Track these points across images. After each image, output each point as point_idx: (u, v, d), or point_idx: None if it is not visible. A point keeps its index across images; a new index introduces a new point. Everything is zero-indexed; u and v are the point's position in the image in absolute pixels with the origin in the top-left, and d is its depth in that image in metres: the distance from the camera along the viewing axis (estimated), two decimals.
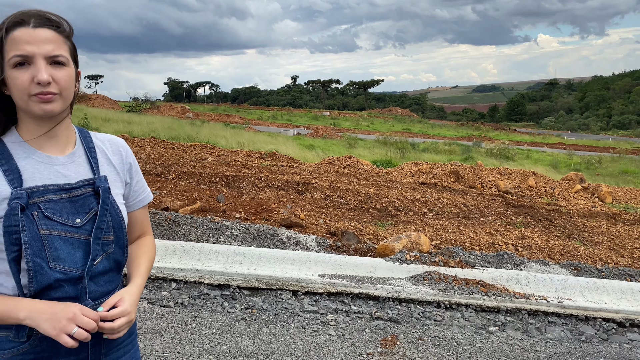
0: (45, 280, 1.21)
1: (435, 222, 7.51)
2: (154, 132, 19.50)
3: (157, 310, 3.88)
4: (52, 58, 1.22)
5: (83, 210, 1.30)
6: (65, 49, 1.26)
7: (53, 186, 1.27)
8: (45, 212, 1.23)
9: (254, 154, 13.15)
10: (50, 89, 1.21)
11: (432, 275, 4.69)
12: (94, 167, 1.37)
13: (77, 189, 1.30)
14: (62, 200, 1.27)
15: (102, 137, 1.47)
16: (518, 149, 27.49)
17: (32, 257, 1.20)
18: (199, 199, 7.46)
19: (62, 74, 1.24)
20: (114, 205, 1.36)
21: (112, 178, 1.41)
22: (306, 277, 4.62)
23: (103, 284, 1.34)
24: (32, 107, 1.22)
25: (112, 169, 1.42)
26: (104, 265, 1.33)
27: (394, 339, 3.66)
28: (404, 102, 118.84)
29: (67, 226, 1.26)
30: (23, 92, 1.21)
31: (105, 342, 1.36)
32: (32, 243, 1.20)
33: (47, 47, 1.21)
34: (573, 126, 75.36)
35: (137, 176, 1.51)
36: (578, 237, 7.41)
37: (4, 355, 1.24)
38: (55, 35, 1.24)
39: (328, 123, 50.25)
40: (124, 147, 1.49)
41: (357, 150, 21.74)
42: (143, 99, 40.46)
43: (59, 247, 1.24)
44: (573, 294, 4.63)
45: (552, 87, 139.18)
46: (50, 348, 1.27)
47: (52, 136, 1.31)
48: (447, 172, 11.54)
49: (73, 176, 1.32)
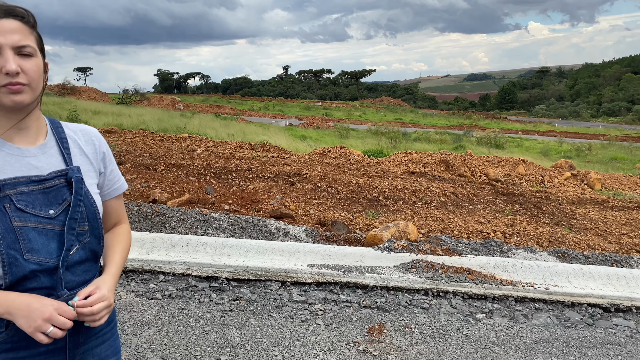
0: (20, 272, 1.22)
1: (424, 211, 7.53)
2: (144, 124, 19.39)
3: (145, 303, 3.88)
4: (19, 48, 1.22)
5: (56, 201, 1.30)
6: (32, 40, 1.26)
7: (25, 178, 1.26)
8: (17, 205, 1.23)
9: (244, 145, 13.11)
10: (19, 79, 1.21)
11: (420, 264, 4.71)
12: (66, 158, 1.36)
13: (49, 180, 1.30)
14: (34, 192, 1.27)
15: (74, 127, 1.46)
16: (509, 137, 27.60)
17: (5, 249, 1.20)
18: (188, 191, 7.43)
19: (31, 65, 1.23)
20: (88, 195, 1.35)
21: (86, 168, 1.40)
22: (295, 267, 4.63)
23: (80, 273, 1.34)
24: (2, 98, 1.22)
25: (85, 158, 1.42)
26: (79, 255, 1.33)
27: (381, 327, 3.68)
28: (396, 91, 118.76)
29: (40, 217, 1.26)
30: None
31: (83, 331, 1.37)
32: (5, 235, 1.20)
33: (14, 37, 1.21)
34: (564, 114, 75.73)
35: (111, 165, 1.50)
36: (567, 224, 7.47)
37: None
38: (21, 25, 1.24)
39: (320, 113, 50.18)
40: (97, 137, 1.48)
41: (349, 140, 21.74)
42: (133, 91, 40.17)
43: (32, 239, 1.24)
44: (560, 281, 4.67)
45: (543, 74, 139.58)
46: (28, 337, 1.27)
47: (22, 128, 1.30)
48: (437, 161, 11.57)
49: (45, 167, 1.31)
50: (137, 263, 4.45)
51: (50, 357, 1.32)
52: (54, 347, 1.31)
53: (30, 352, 1.28)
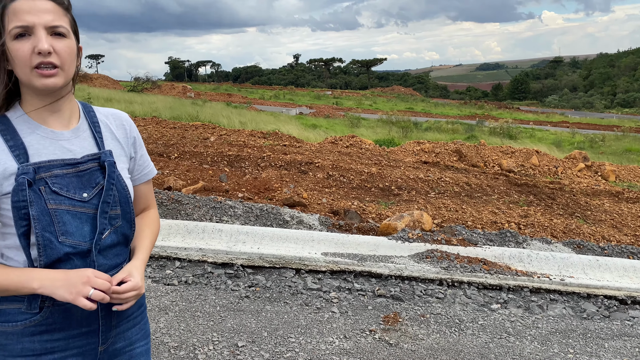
0: (54, 254, 1.23)
1: (437, 200, 7.51)
2: (156, 112, 19.45)
3: (162, 289, 3.92)
4: (52, 28, 1.20)
5: (89, 184, 1.30)
6: (66, 21, 1.25)
7: (59, 161, 1.27)
8: (52, 187, 1.24)
9: (256, 134, 13.11)
10: (51, 59, 1.20)
11: (435, 254, 4.71)
12: (99, 142, 1.36)
13: (83, 164, 1.30)
14: (68, 175, 1.27)
15: (105, 111, 1.46)
16: (522, 128, 27.35)
17: (41, 232, 1.21)
18: (202, 178, 7.46)
19: (63, 45, 1.22)
20: (120, 179, 1.36)
21: (117, 152, 1.41)
22: (309, 255, 4.64)
23: (111, 257, 1.35)
24: (34, 81, 1.21)
25: (116, 143, 1.42)
26: (111, 239, 1.34)
27: (397, 316, 3.69)
28: (407, 80, 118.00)
29: (74, 201, 1.27)
30: (25, 64, 1.20)
31: (115, 314, 1.38)
32: (40, 218, 1.21)
33: (47, 17, 1.20)
34: (577, 104, 74.84)
35: (141, 150, 1.50)
36: (581, 216, 7.41)
37: (17, 327, 1.26)
38: (55, 6, 1.22)
39: (330, 102, 50.04)
40: (128, 121, 1.48)
41: (359, 129, 21.68)
42: (144, 79, 40.27)
43: (67, 222, 1.25)
44: (575, 272, 4.64)
45: (557, 65, 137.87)
46: (62, 319, 1.28)
47: (55, 111, 1.30)
48: (450, 151, 11.51)
49: (78, 151, 1.32)
50: (153, 249, 4.48)
51: (84, 339, 1.33)
52: (87, 329, 1.32)
53: (65, 334, 1.29)
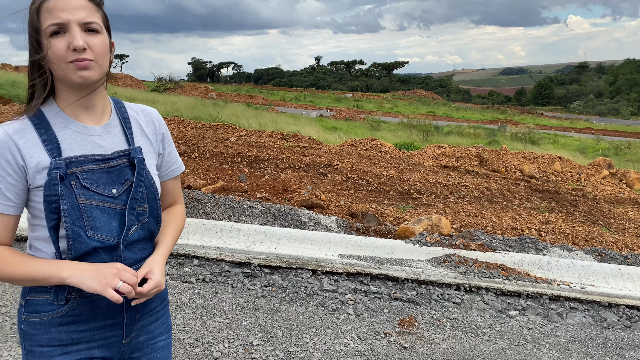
0: (82, 248, 1.26)
1: (457, 205, 7.44)
2: (178, 112, 19.67)
3: (179, 286, 3.96)
4: (86, 25, 1.23)
5: (119, 180, 1.32)
6: (98, 17, 1.27)
7: (90, 156, 1.29)
8: (83, 182, 1.26)
9: (276, 135, 13.17)
10: (86, 55, 1.22)
11: (452, 258, 4.67)
12: (129, 138, 1.38)
13: (113, 160, 1.33)
14: (98, 170, 1.30)
15: (135, 107, 1.48)
16: (544, 133, 26.95)
17: (71, 226, 1.23)
18: (221, 178, 7.52)
19: (97, 41, 1.24)
20: (149, 176, 1.38)
21: (146, 149, 1.43)
22: (326, 257, 4.65)
23: (136, 251, 1.38)
24: (70, 74, 1.23)
25: (146, 139, 1.44)
26: (138, 234, 1.36)
27: (412, 320, 3.67)
28: (429, 84, 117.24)
29: (103, 196, 1.29)
30: (60, 60, 1.22)
31: (139, 307, 1.40)
32: (70, 212, 1.23)
33: (81, 13, 1.22)
34: (602, 111, 73.41)
35: (169, 147, 1.52)
36: (604, 224, 7.28)
37: (44, 317, 1.29)
38: (88, 2, 1.25)
39: (351, 105, 49.97)
40: (157, 118, 1.50)
41: (380, 132, 21.60)
42: (167, 79, 40.74)
43: (96, 217, 1.27)
44: (596, 280, 4.56)
45: (582, 70, 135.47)
46: (88, 311, 1.31)
47: (88, 106, 1.32)
48: (471, 156, 11.40)
49: (109, 147, 1.34)
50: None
51: (109, 331, 1.36)
52: (112, 321, 1.35)
53: (90, 326, 1.32)
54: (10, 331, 3.12)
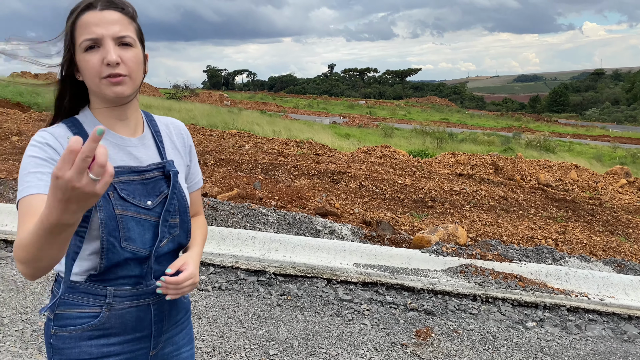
0: (115, 259, 1.26)
1: (472, 214, 7.39)
2: (193, 119, 19.83)
3: (196, 294, 3.98)
4: (119, 39, 1.23)
5: (154, 193, 1.33)
6: (132, 30, 1.28)
7: (126, 168, 1.30)
8: (120, 193, 1.27)
9: (290, 142, 13.21)
10: (119, 70, 1.23)
11: (469, 268, 4.64)
12: (161, 151, 1.40)
13: (148, 172, 1.34)
14: (134, 182, 1.31)
15: (165, 120, 1.50)
16: (560, 141, 26.69)
17: (106, 236, 1.24)
18: (237, 185, 7.56)
19: (130, 55, 1.25)
20: (181, 189, 1.39)
21: (177, 161, 1.44)
22: (341, 266, 4.64)
23: (164, 264, 1.38)
24: (104, 90, 1.24)
25: (176, 152, 1.45)
26: (168, 247, 1.38)
27: (429, 331, 3.65)
28: (442, 91, 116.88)
29: (139, 208, 1.30)
30: (94, 75, 1.23)
31: (165, 319, 1.41)
32: (107, 222, 1.24)
33: (115, 28, 1.23)
34: (619, 118, 72.50)
35: (194, 159, 1.54)
36: (622, 233, 7.17)
37: (74, 331, 1.30)
38: (122, 16, 1.26)
39: (364, 112, 49.98)
40: (185, 131, 1.52)
41: (393, 139, 21.57)
42: (183, 87, 41.12)
43: (131, 228, 1.28)
44: (616, 292, 4.49)
45: (598, 77, 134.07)
46: (119, 324, 1.32)
47: (122, 118, 1.34)
48: (486, 164, 11.33)
49: (144, 159, 1.35)
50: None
51: (137, 344, 1.37)
52: (140, 334, 1.37)
53: (120, 339, 1.33)
54: (30, 338, 3.16)
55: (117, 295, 1.31)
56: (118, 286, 1.30)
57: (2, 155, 8.52)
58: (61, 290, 1.29)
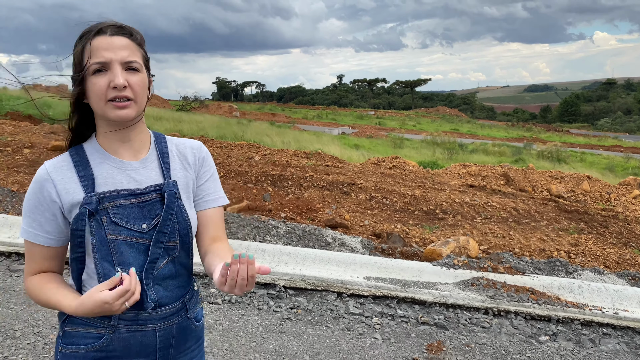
0: None
1: (484, 226, 7.34)
2: (203, 131, 19.96)
3: (206, 307, 3.98)
4: (127, 64, 1.27)
5: (150, 215, 1.33)
6: (139, 56, 1.31)
7: (123, 191, 1.32)
8: (112, 218, 1.28)
9: (299, 154, 13.24)
10: (126, 93, 1.26)
11: (481, 281, 4.60)
12: (165, 172, 1.39)
13: (145, 195, 1.34)
14: (131, 205, 1.31)
15: (177, 141, 1.48)
16: (571, 152, 26.51)
17: (100, 261, 1.27)
18: (246, 197, 7.58)
19: (136, 79, 1.28)
20: (182, 210, 1.36)
21: (184, 182, 1.41)
22: (351, 279, 4.62)
23: (172, 289, 1.37)
24: (108, 112, 1.27)
25: (184, 172, 1.43)
26: (169, 269, 1.36)
27: (440, 345, 3.61)
28: (452, 101, 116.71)
29: (133, 231, 1.30)
30: (100, 98, 1.26)
31: (172, 346, 1.40)
32: (100, 247, 1.27)
33: (123, 53, 1.27)
34: (632, 128, 71.86)
35: (209, 175, 1.48)
36: (636, 245, 7.08)
37: (79, 351, 1.32)
38: (130, 42, 1.30)
39: (373, 122, 50.02)
40: (198, 148, 1.49)
41: (403, 150, 21.53)
42: (192, 98, 41.46)
43: (124, 252, 1.29)
44: (630, 305, 4.42)
45: (610, 87, 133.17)
46: (122, 347, 1.33)
47: (126, 141, 1.35)
48: (497, 175, 11.26)
49: (144, 181, 1.35)
50: (198, 267, 4.57)
51: None
52: (145, 359, 1.37)
53: None
54: (42, 351, 3.18)
55: (123, 319, 1.31)
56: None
57: (15, 167, 8.63)
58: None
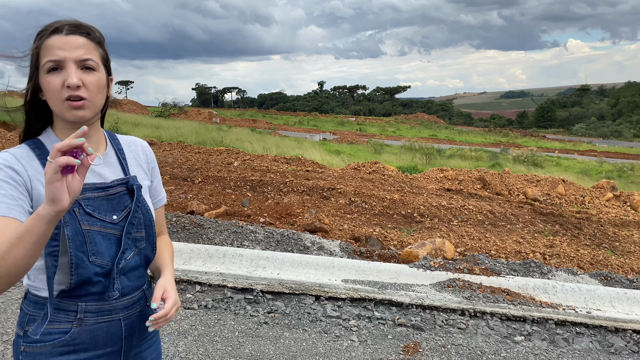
0: (85, 274, 1.28)
1: (460, 229, 7.42)
2: (182, 137, 19.80)
3: (181, 313, 3.94)
4: (82, 62, 1.27)
5: (119, 207, 1.37)
6: (96, 55, 1.31)
7: (91, 185, 1.34)
8: (86, 209, 1.30)
9: (280, 159, 13.22)
10: (80, 92, 1.26)
11: (457, 283, 4.64)
12: (125, 167, 1.44)
13: (113, 188, 1.37)
14: (99, 198, 1.34)
15: (127, 139, 1.55)
16: (547, 156, 26.97)
17: (74, 251, 1.26)
18: (224, 203, 7.54)
19: (92, 79, 1.28)
20: (145, 203, 1.43)
21: (141, 177, 1.49)
22: (329, 282, 4.62)
23: (134, 279, 1.41)
24: (65, 112, 1.28)
25: (139, 169, 1.50)
26: (135, 261, 1.40)
27: (417, 346, 3.63)
28: (431, 108, 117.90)
29: (105, 222, 1.33)
30: (56, 97, 1.27)
31: (136, 334, 1.44)
32: (75, 238, 1.26)
33: (78, 52, 1.26)
34: (605, 133, 73.57)
35: (157, 176, 1.59)
36: (609, 247, 7.23)
37: (44, 348, 1.30)
38: (86, 41, 1.29)
39: (354, 129, 50.23)
40: (148, 148, 1.58)
41: (383, 156, 21.66)
42: (171, 104, 41.14)
43: (98, 242, 1.31)
44: (602, 305, 4.51)
45: (584, 93, 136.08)
46: (89, 340, 1.33)
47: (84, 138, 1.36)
48: (474, 179, 11.40)
49: (108, 176, 1.39)
50: (175, 273, 4.53)
51: (106, 359, 1.38)
52: (111, 349, 1.38)
53: (90, 354, 1.34)
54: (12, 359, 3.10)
55: (88, 311, 1.32)
56: (89, 301, 1.32)
57: None
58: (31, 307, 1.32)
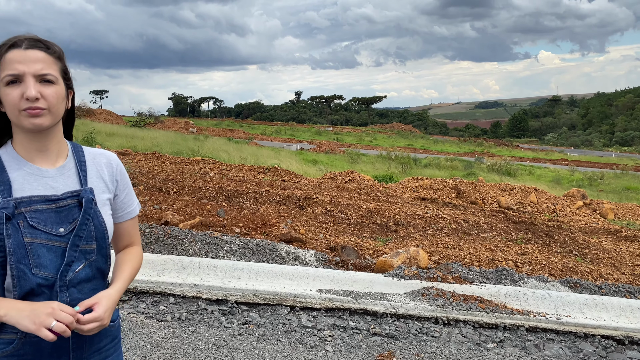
0: (27, 285, 1.29)
1: (435, 237, 7.50)
2: (157, 147, 19.60)
3: (155, 325, 3.89)
4: (41, 76, 1.31)
5: (67, 220, 1.37)
6: (55, 69, 1.35)
7: (40, 197, 1.35)
8: (30, 222, 1.31)
9: (256, 169, 13.19)
10: (39, 104, 1.30)
11: (431, 291, 4.68)
12: (82, 180, 1.44)
13: (62, 200, 1.38)
14: (47, 210, 1.35)
15: (94, 151, 1.55)
16: (520, 165, 27.49)
17: (15, 264, 1.27)
18: (199, 213, 7.48)
19: (51, 91, 1.33)
20: (98, 215, 1.42)
21: (100, 190, 1.48)
22: (304, 292, 4.62)
23: (87, 292, 1.40)
24: (23, 121, 1.31)
25: (100, 181, 1.49)
26: (86, 273, 1.39)
27: (391, 355, 3.65)
28: (407, 117, 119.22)
29: (50, 235, 1.33)
30: (14, 108, 1.31)
31: (86, 346, 1.41)
32: (16, 250, 1.28)
33: (37, 66, 1.31)
34: (576, 142, 75.42)
35: (126, 189, 1.58)
36: (579, 254, 7.39)
37: None
38: (45, 55, 1.34)
39: (331, 138, 50.42)
40: (115, 162, 1.57)
41: (359, 165, 21.79)
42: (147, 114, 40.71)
43: (41, 255, 1.31)
44: (572, 311, 4.61)
45: (555, 103, 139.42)
46: (33, 351, 1.33)
47: (42, 150, 1.39)
48: (448, 188, 11.55)
49: (61, 188, 1.40)
50: (147, 285, 4.47)
51: None
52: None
53: None
54: None
55: None
56: None
57: None
58: None
